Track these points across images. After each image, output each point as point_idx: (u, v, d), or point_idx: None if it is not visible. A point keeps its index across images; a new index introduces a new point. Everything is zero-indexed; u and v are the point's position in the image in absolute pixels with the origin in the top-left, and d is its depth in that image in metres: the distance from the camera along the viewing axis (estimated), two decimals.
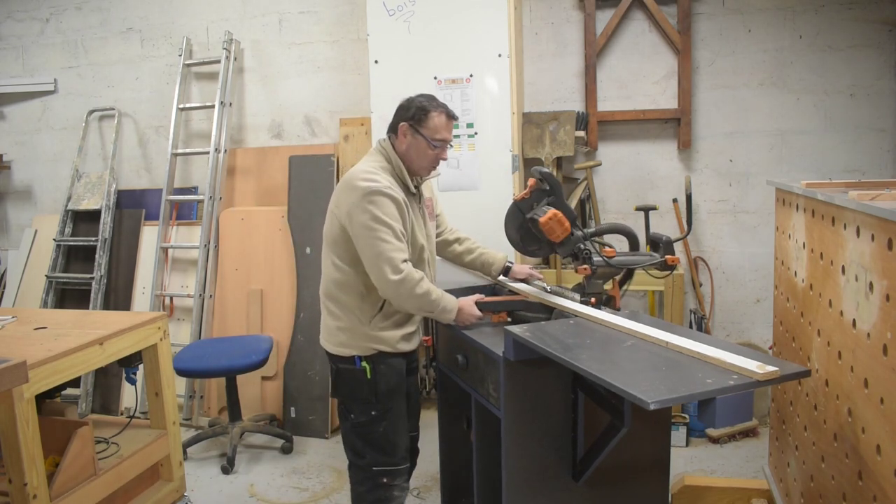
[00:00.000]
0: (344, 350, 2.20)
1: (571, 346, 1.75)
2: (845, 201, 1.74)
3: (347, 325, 2.19)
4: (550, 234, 2.09)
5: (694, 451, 3.40)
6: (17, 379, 1.89)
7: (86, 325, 2.57)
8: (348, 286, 2.18)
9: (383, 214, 2.04)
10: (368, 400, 2.19)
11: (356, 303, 2.18)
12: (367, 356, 2.18)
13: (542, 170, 2.23)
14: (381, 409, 2.20)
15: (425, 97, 2.21)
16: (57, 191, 4.70)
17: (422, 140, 2.16)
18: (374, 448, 2.22)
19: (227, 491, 3.21)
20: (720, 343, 1.69)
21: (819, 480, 2.04)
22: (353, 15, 4.09)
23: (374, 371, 2.18)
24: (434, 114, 2.16)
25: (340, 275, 2.18)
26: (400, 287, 2.04)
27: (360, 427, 2.22)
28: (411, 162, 2.20)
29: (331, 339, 2.24)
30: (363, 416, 2.21)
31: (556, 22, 3.86)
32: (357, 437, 2.23)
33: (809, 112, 3.65)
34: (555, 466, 2.01)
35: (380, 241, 2.03)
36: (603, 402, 1.89)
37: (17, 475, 2.08)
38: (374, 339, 2.18)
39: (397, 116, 2.21)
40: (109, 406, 4.15)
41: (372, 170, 2.13)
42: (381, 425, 2.21)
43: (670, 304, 3.53)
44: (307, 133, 4.28)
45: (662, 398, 1.37)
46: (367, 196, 2.05)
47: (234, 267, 4.06)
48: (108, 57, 4.53)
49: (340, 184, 2.17)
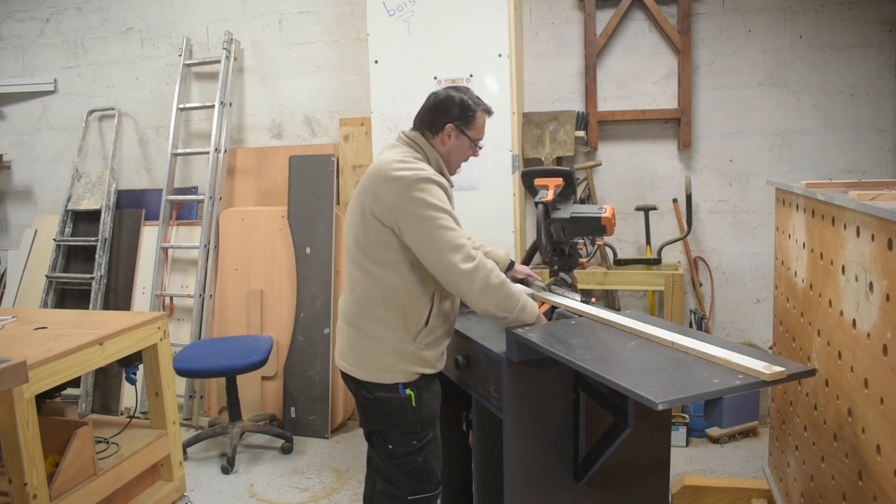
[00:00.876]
0: (385, 377, 1.94)
1: (575, 347, 1.74)
2: (845, 201, 1.74)
3: (389, 345, 1.92)
4: (611, 228, 2.07)
5: (694, 451, 3.40)
6: (17, 379, 1.89)
7: (86, 325, 2.57)
8: (389, 298, 1.91)
9: (439, 201, 1.83)
10: (412, 430, 1.98)
11: (398, 317, 1.91)
12: (411, 382, 1.95)
13: (566, 169, 2.21)
14: (422, 439, 2.00)
15: (460, 90, 2.03)
16: (57, 191, 4.70)
17: (466, 141, 2.03)
18: (412, 478, 2.02)
19: (227, 491, 3.21)
20: (725, 343, 1.69)
21: (819, 480, 2.04)
22: (353, 15, 4.09)
23: (419, 398, 1.96)
24: (479, 113, 2.03)
25: (379, 286, 1.91)
26: (475, 276, 1.81)
27: (398, 458, 2.01)
28: (448, 164, 2.05)
29: (366, 364, 1.96)
30: (403, 447, 1.99)
31: (556, 22, 3.86)
32: (395, 468, 2.02)
33: (809, 112, 3.65)
34: (556, 467, 2.01)
35: (442, 228, 1.81)
36: (606, 402, 1.88)
37: (17, 475, 2.08)
38: (417, 361, 1.95)
39: (440, 115, 2.00)
40: (109, 406, 4.15)
41: (408, 159, 1.92)
42: (421, 456, 2.01)
43: (670, 304, 3.53)
44: (307, 133, 4.28)
45: (670, 398, 1.37)
46: (416, 184, 1.83)
47: (234, 267, 4.06)
48: (108, 57, 4.53)
49: (370, 178, 1.93)
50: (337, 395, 3.82)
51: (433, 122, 2.02)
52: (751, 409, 3.55)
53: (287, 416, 3.82)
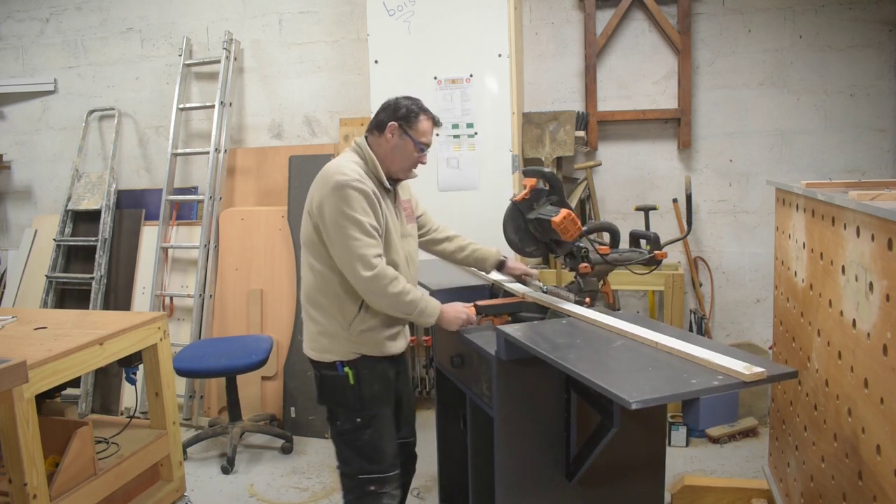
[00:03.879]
0: (326, 356, 2.14)
1: (561, 346, 1.75)
2: (845, 201, 1.74)
3: (328, 329, 2.14)
4: (564, 233, 2.07)
5: (694, 451, 3.40)
6: (17, 379, 1.89)
7: (86, 325, 2.57)
8: (326, 288, 2.12)
9: (351, 210, 2.00)
10: (353, 407, 2.14)
11: (335, 305, 2.12)
12: (350, 361, 2.13)
13: (544, 170, 2.22)
14: (367, 416, 2.15)
15: (411, 99, 2.19)
16: (57, 191, 4.71)
17: (409, 141, 2.14)
18: (360, 456, 2.17)
19: (227, 491, 3.21)
20: (711, 344, 1.68)
21: (819, 480, 2.04)
22: (353, 15, 4.09)
23: (358, 377, 2.12)
24: (423, 117, 2.16)
25: (318, 277, 2.13)
26: (372, 284, 2.00)
27: (345, 434, 2.18)
28: (392, 162, 2.16)
29: (313, 344, 2.18)
30: (348, 423, 2.16)
31: (556, 22, 3.87)
32: (343, 445, 2.19)
33: (809, 112, 3.65)
34: (547, 466, 2.01)
35: (349, 238, 1.99)
36: (594, 401, 1.89)
37: (17, 475, 2.09)
38: (356, 343, 2.13)
39: (385, 115, 2.17)
40: (109, 406, 4.15)
41: (344, 163, 2.10)
42: (367, 433, 2.16)
43: (670, 304, 3.53)
44: (307, 133, 4.29)
45: (644, 398, 1.38)
46: (337, 190, 2.01)
47: (234, 267, 4.06)
48: (108, 57, 4.53)
49: (315, 180, 2.14)
50: None
51: (379, 123, 2.17)
52: (730, 410, 3.56)
53: (287, 416, 3.82)
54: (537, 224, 2.18)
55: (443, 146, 3.47)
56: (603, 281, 2.31)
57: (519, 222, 2.24)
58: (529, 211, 2.21)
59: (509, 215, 2.26)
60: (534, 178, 2.22)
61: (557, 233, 2.06)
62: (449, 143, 3.47)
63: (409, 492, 2.54)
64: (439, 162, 3.48)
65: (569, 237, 2.08)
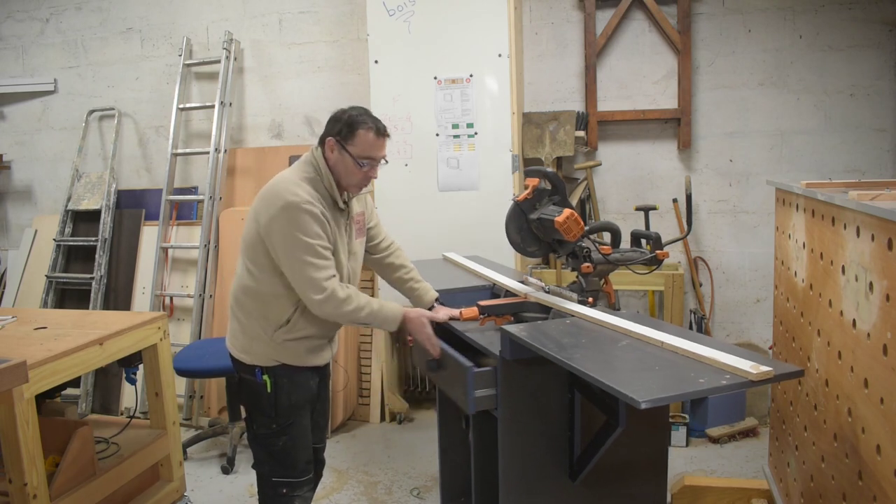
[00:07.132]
0: (245, 357, 2.11)
1: (566, 346, 1.75)
2: (845, 201, 1.74)
3: (249, 330, 2.10)
4: (567, 233, 2.06)
5: (694, 451, 3.40)
6: (17, 379, 1.89)
7: (86, 325, 2.57)
8: (256, 293, 2.08)
9: (302, 233, 1.95)
10: (269, 414, 2.11)
11: (261, 311, 2.08)
12: (269, 368, 2.09)
13: (546, 170, 2.22)
14: (282, 424, 2.12)
15: (358, 110, 2.11)
16: (57, 191, 4.70)
17: (348, 157, 2.04)
18: (274, 460, 2.15)
19: (227, 491, 3.21)
20: (716, 343, 1.68)
21: (819, 480, 2.04)
22: (353, 15, 4.09)
23: (276, 385, 2.09)
24: (361, 131, 2.04)
25: (251, 280, 2.09)
26: (325, 307, 1.98)
27: (260, 438, 2.16)
28: (339, 177, 2.08)
29: (234, 342, 2.15)
30: (263, 428, 2.14)
31: (556, 22, 3.87)
32: (258, 447, 2.18)
33: (809, 112, 3.65)
34: (551, 466, 2.01)
35: (300, 261, 1.96)
36: (598, 401, 1.89)
37: (17, 475, 2.09)
38: (277, 350, 2.09)
39: (326, 129, 2.09)
40: (109, 406, 4.14)
41: (296, 180, 2.02)
42: (282, 439, 2.13)
43: (670, 304, 3.53)
44: (307, 133, 4.28)
45: (653, 397, 1.37)
46: (286, 211, 1.95)
47: (235, 267, 4.05)
48: (108, 57, 4.53)
49: (262, 191, 2.06)
50: (336, 395, 3.82)
51: (322, 138, 2.10)
52: (738, 409, 3.56)
53: None
54: (540, 224, 2.18)
55: (443, 146, 3.47)
56: (605, 281, 2.30)
57: (521, 222, 2.24)
58: (532, 211, 2.20)
59: (512, 215, 2.26)
60: (536, 177, 2.21)
61: (560, 233, 2.05)
62: (449, 143, 3.48)
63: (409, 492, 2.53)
64: (439, 162, 3.48)
65: (571, 237, 2.07)
